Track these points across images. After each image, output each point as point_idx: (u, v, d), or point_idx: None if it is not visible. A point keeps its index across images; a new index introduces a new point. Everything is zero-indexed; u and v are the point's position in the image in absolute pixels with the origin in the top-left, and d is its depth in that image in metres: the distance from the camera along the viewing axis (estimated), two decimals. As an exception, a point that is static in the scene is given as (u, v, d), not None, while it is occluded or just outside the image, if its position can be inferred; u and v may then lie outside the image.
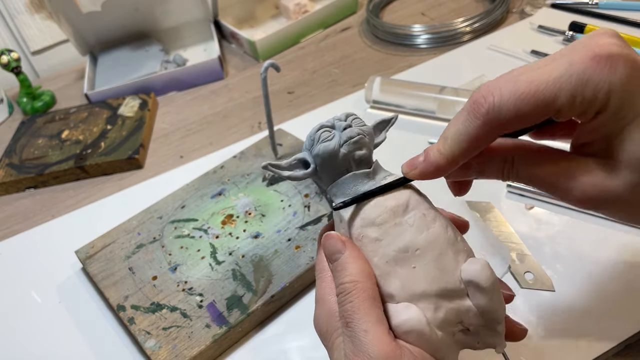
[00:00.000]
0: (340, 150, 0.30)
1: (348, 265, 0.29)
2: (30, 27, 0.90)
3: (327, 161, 0.30)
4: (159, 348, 0.42)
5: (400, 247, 0.29)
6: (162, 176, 0.64)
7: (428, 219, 0.29)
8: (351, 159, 0.30)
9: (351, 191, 0.30)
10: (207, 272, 0.48)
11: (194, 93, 0.78)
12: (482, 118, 0.27)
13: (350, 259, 0.29)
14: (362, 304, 0.28)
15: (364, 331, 0.27)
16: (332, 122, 0.31)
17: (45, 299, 0.52)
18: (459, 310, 0.29)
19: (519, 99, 0.26)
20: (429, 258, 0.29)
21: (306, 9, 0.85)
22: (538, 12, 0.76)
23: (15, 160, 0.68)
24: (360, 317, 0.28)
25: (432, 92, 0.61)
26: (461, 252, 0.30)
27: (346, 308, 0.28)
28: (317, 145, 0.30)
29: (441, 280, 0.28)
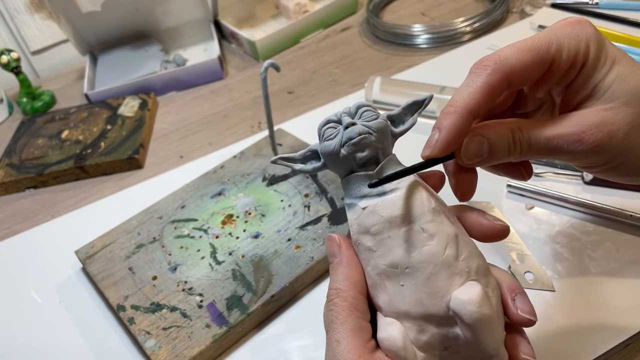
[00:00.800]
0: (340, 151, 0.28)
1: (337, 271, 0.29)
2: (30, 27, 0.90)
3: (330, 160, 0.29)
4: (159, 348, 0.42)
5: (390, 262, 0.27)
6: (162, 176, 0.64)
7: (424, 235, 0.27)
8: (352, 160, 0.29)
9: (353, 192, 0.29)
10: (207, 272, 0.48)
11: (194, 93, 0.78)
12: (491, 67, 0.29)
13: (340, 265, 0.29)
14: (340, 313, 0.28)
15: (337, 341, 0.28)
16: (339, 117, 0.29)
17: (45, 299, 0.52)
18: (445, 337, 0.27)
19: (520, 50, 0.29)
20: (418, 278, 0.27)
21: (306, 8, 0.85)
22: (538, 12, 0.76)
23: (15, 160, 0.68)
24: (335, 327, 0.28)
25: (432, 92, 0.61)
26: (457, 275, 0.27)
27: (326, 315, 0.29)
28: (322, 143, 0.29)
29: (426, 304, 0.27)
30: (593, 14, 0.73)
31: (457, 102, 0.28)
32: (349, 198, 0.29)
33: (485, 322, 0.26)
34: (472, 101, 0.28)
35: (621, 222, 0.46)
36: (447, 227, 0.28)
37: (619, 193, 0.49)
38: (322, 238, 0.48)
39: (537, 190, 0.50)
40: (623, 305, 0.41)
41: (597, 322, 0.40)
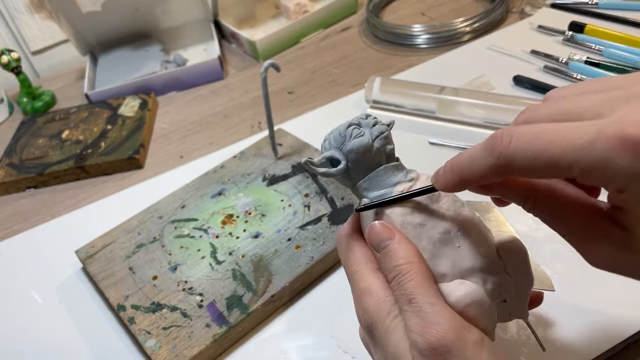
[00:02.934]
0: (373, 144, 0.31)
1: (399, 249, 0.29)
2: (31, 27, 0.90)
3: (361, 156, 0.31)
4: (159, 348, 0.42)
5: (444, 229, 0.30)
6: (162, 176, 0.64)
7: (459, 204, 0.31)
8: (382, 153, 0.31)
9: (385, 183, 0.31)
10: (207, 272, 0.48)
11: (194, 93, 0.78)
12: (494, 158, 0.26)
13: (401, 244, 0.30)
14: (422, 281, 0.28)
15: (431, 304, 0.27)
16: (357, 121, 0.32)
17: (45, 299, 0.52)
18: (500, 282, 0.31)
19: (533, 155, 0.25)
20: (470, 236, 0.30)
21: (306, 8, 0.85)
22: (538, 12, 0.76)
23: (15, 160, 0.68)
24: (424, 292, 0.28)
25: (432, 92, 0.61)
26: (488, 231, 0.32)
27: (407, 287, 0.28)
28: (351, 141, 0.31)
29: (484, 255, 0.30)
30: (593, 14, 0.73)
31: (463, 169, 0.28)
32: (379, 189, 0.31)
33: (527, 252, 0.32)
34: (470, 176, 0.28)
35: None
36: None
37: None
38: (322, 238, 0.48)
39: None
40: (623, 305, 0.41)
41: (597, 322, 0.40)
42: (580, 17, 0.73)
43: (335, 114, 0.67)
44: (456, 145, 0.57)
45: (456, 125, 0.61)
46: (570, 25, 0.71)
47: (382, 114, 0.65)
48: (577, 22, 0.70)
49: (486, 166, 0.26)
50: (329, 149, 0.32)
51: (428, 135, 0.59)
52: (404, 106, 0.63)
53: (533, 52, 0.67)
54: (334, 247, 0.47)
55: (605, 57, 0.65)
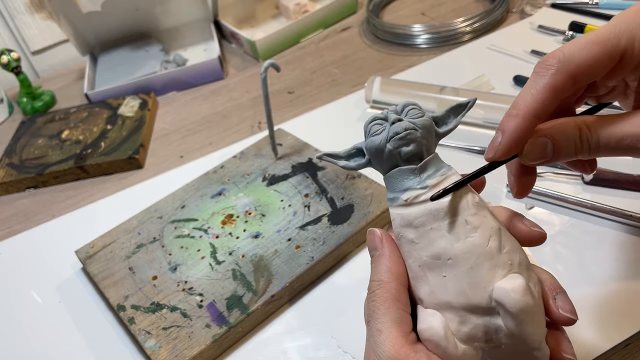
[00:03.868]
0: (386, 146, 0.29)
1: (379, 263, 0.30)
2: (30, 27, 0.90)
3: (375, 155, 0.30)
4: (159, 348, 0.42)
5: (433, 254, 0.28)
6: (162, 176, 0.64)
7: (468, 227, 0.28)
8: (397, 155, 0.29)
9: (396, 186, 0.29)
10: (207, 272, 0.48)
11: (194, 93, 0.78)
12: (555, 66, 0.27)
13: (382, 257, 0.30)
14: (382, 304, 0.28)
15: (378, 331, 0.28)
16: (386, 114, 0.30)
17: (45, 299, 0.52)
18: (487, 328, 0.27)
19: (586, 45, 0.27)
20: (461, 269, 0.27)
21: (306, 8, 0.85)
22: (538, 12, 0.76)
23: (15, 160, 0.68)
24: (377, 317, 0.28)
25: (432, 92, 0.61)
26: (500, 267, 0.27)
27: (368, 306, 0.29)
28: (368, 138, 0.30)
29: (469, 294, 0.27)
30: (593, 14, 0.73)
31: (521, 104, 0.27)
32: (392, 192, 0.30)
33: (528, 311, 0.26)
34: (536, 104, 0.27)
35: (621, 222, 0.46)
36: (490, 220, 0.28)
37: (619, 193, 0.49)
38: (322, 238, 0.48)
39: (537, 190, 0.50)
40: (623, 305, 0.41)
41: (597, 322, 0.40)
42: (581, 17, 0.73)
43: (335, 114, 0.67)
44: (456, 145, 0.57)
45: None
46: (570, 25, 0.71)
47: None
48: (577, 22, 0.70)
49: (548, 79, 0.27)
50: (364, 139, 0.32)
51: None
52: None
53: (533, 52, 0.67)
54: (334, 247, 0.47)
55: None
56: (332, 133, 0.63)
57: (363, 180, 0.53)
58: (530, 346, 0.27)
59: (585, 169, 0.32)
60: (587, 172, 0.32)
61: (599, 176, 0.49)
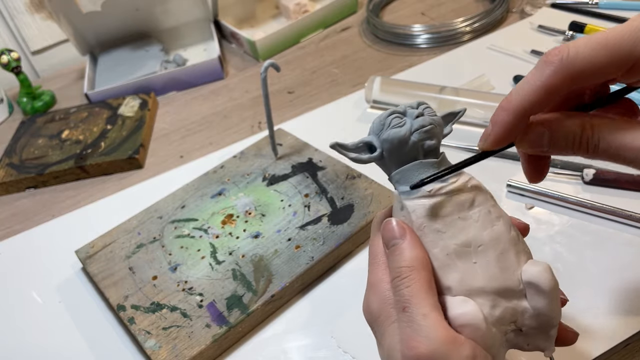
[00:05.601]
0: (410, 137, 0.30)
1: (405, 251, 0.29)
2: (30, 27, 0.90)
3: (396, 147, 0.30)
4: (159, 348, 0.42)
5: (463, 241, 0.29)
6: (162, 176, 0.64)
7: (493, 216, 0.30)
8: (420, 148, 0.30)
9: (415, 179, 0.30)
10: (207, 272, 0.48)
11: (194, 93, 0.78)
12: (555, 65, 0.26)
13: (409, 245, 0.29)
14: (420, 290, 0.28)
15: (423, 315, 0.27)
16: (403, 109, 0.31)
17: (45, 299, 0.52)
18: (515, 310, 0.29)
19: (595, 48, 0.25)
20: (491, 255, 0.29)
21: (306, 8, 0.85)
22: (538, 12, 0.76)
23: (15, 160, 0.68)
24: (418, 302, 0.27)
25: (433, 92, 0.61)
26: (522, 253, 0.30)
27: (403, 292, 0.28)
28: (387, 130, 0.30)
29: (501, 278, 0.29)
30: (593, 14, 0.73)
31: (513, 98, 0.27)
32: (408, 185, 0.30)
33: (556, 289, 0.29)
34: (526, 103, 0.27)
35: (621, 222, 0.46)
36: (504, 212, 0.31)
37: (619, 193, 0.49)
38: (322, 238, 0.48)
39: (537, 190, 0.50)
40: (623, 305, 0.41)
41: (597, 322, 0.40)
42: (581, 17, 0.73)
43: (335, 114, 0.67)
44: (456, 145, 0.57)
45: (456, 125, 0.61)
46: (570, 25, 0.71)
47: (382, 113, 0.65)
48: (578, 22, 0.70)
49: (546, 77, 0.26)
50: (371, 134, 0.31)
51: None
52: (404, 106, 0.63)
53: (533, 52, 0.67)
54: (334, 247, 0.47)
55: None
56: (332, 133, 0.63)
57: (363, 180, 0.53)
58: (552, 324, 0.29)
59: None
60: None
61: (599, 176, 0.49)
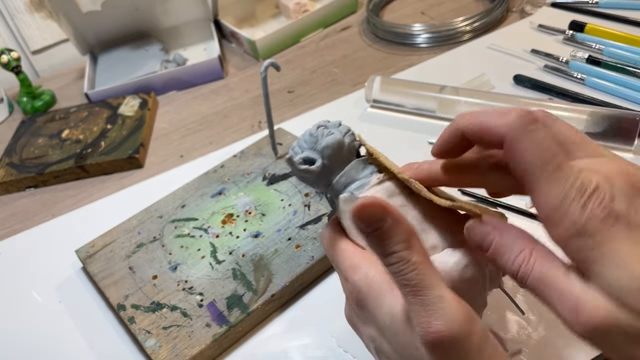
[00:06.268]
0: (345, 140, 0.33)
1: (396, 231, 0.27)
2: (30, 26, 0.90)
3: (337, 151, 0.33)
4: (159, 347, 0.42)
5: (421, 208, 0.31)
6: (162, 175, 0.64)
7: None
8: (352, 149, 0.33)
9: (361, 175, 0.33)
10: (207, 272, 0.48)
11: (194, 92, 0.78)
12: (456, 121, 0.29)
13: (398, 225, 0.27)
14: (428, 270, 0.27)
15: (439, 297, 0.26)
16: (324, 123, 0.34)
17: (45, 299, 0.52)
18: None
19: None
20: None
21: (306, 8, 0.85)
22: (538, 11, 0.76)
23: (15, 159, 0.68)
24: (430, 284, 0.26)
25: (433, 92, 0.61)
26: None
27: (410, 277, 0.26)
28: (325, 139, 0.33)
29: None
30: (593, 13, 0.73)
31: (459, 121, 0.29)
32: (359, 180, 0.33)
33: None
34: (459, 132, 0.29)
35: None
36: None
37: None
38: (322, 237, 0.48)
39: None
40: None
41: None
42: (581, 16, 0.73)
43: (335, 114, 0.67)
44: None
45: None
46: (570, 24, 0.70)
47: (382, 113, 0.65)
48: (578, 22, 0.70)
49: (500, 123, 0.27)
50: (300, 152, 0.33)
51: (428, 134, 0.59)
52: (404, 105, 0.63)
53: (533, 51, 0.67)
54: (334, 246, 0.47)
55: (605, 56, 0.65)
56: (332, 132, 0.63)
57: (363, 179, 0.53)
58: None
59: None
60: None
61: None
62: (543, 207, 0.25)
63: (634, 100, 0.58)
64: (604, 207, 0.23)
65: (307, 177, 0.33)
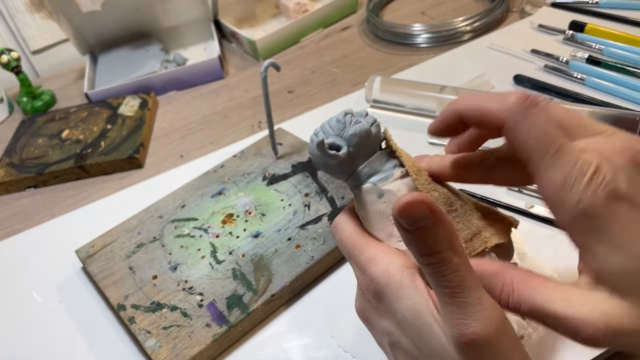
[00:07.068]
0: (372, 130, 0.32)
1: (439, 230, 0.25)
2: (30, 26, 0.90)
3: (364, 140, 0.32)
4: (159, 347, 0.42)
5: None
6: (162, 175, 0.64)
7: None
8: (378, 139, 0.33)
9: (384, 167, 0.32)
10: (207, 272, 0.48)
11: (194, 92, 0.78)
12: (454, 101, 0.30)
13: (441, 224, 0.25)
14: (468, 272, 0.26)
15: (478, 299, 0.25)
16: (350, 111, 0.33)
17: (45, 299, 0.52)
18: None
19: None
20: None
21: (306, 8, 0.85)
22: (538, 11, 0.76)
23: (15, 159, 0.68)
24: (470, 286, 0.25)
25: (433, 92, 0.61)
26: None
27: (450, 278, 0.25)
28: (353, 126, 0.32)
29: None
30: (593, 13, 0.73)
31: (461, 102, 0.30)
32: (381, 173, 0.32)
33: None
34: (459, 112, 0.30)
35: None
36: None
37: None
38: (322, 237, 0.48)
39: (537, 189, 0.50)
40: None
41: (598, 321, 0.40)
42: (581, 16, 0.73)
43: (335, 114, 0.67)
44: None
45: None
46: (570, 24, 0.70)
47: (382, 113, 0.65)
48: (578, 22, 0.70)
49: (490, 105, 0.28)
50: (325, 137, 0.32)
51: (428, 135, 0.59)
52: (404, 105, 0.63)
53: (533, 51, 0.67)
54: (335, 246, 0.47)
55: (605, 56, 0.65)
56: (332, 132, 0.63)
57: (363, 179, 0.53)
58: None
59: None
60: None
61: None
62: (546, 191, 0.25)
63: (634, 100, 0.58)
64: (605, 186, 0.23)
65: (331, 164, 0.32)
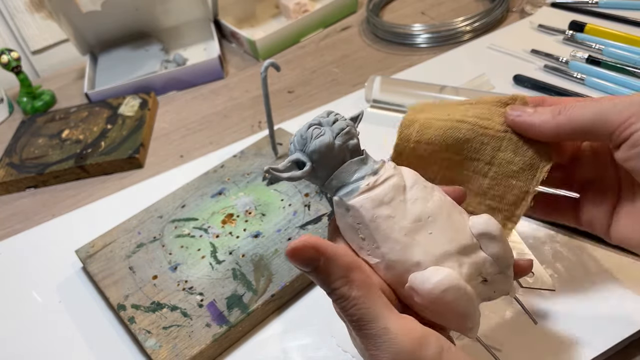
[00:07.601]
0: (335, 142, 0.31)
1: (333, 267, 0.27)
2: (30, 26, 0.90)
3: (325, 154, 0.31)
4: (159, 347, 0.42)
5: (414, 218, 0.30)
6: (163, 175, 0.64)
7: (428, 189, 0.32)
8: (346, 149, 0.31)
9: (351, 178, 0.31)
10: (207, 272, 0.48)
11: (194, 92, 0.78)
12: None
13: (333, 259, 0.27)
14: (368, 303, 0.27)
15: (384, 329, 0.26)
16: (318, 120, 0.32)
17: (46, 299, 0.52)
18: (477, 263, 0.31)
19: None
20: (441, 221, 0.31)
21: (306, 8, 0.85)
22: (538, 11, 0.76)
23: (15, 159, 0.68)
24: (373, 317, 0.26)
25: (433, 92, 0.61)
26: (463, 212, 0.32)
27: (352, 312, 0.27)
28: (313, 142, 0.31)
29: (457, 238, 0.30)
30: (593, 13, 0.73)
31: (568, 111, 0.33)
32: (347, 185, 0.31)
33: (502, 230, 0.32)
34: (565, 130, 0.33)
35: None
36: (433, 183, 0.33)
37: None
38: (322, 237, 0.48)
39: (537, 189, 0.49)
40: (623, 304, 0.41)
41: (597, 321, 0.40)
42: (581, 16, 0.73)
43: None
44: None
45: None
46: (570, 24, 0.70)
47: (382, 113, 0.65)
48: (578, 22, 0.70)
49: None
50: (294, 152, 0.32)
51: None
52: (404, 105, 0.63)
53: (533, 51, 0.67)
54: (334, 246, 0.47)
55: (605, 56, 0.65)
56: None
57: (363, 179, 0.53)
58: (509, 264, 0.32)
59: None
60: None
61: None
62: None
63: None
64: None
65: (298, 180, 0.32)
